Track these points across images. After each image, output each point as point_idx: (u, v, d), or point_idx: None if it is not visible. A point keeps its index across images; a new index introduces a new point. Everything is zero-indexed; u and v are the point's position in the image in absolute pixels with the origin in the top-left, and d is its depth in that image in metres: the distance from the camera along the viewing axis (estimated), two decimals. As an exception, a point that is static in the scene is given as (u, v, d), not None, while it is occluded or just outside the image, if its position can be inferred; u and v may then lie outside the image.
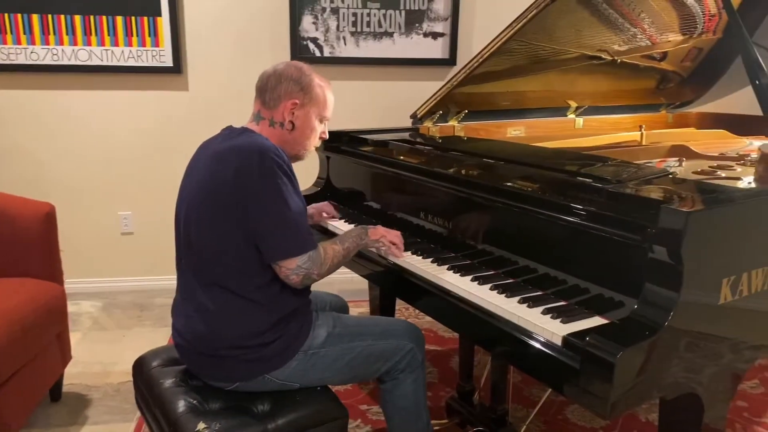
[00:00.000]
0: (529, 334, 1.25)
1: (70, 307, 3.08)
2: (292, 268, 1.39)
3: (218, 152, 1.42)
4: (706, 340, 1.22)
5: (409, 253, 1.67)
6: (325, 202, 2.01)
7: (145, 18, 2.99)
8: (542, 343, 1.22)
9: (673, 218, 1.11)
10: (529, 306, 1.33)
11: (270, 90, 1.50)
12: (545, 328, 1.23)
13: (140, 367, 1.66)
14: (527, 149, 2.07)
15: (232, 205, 1.37)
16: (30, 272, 2.05)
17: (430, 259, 1.62)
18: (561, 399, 2.27)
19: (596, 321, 1.25)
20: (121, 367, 2.52)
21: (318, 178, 2.31)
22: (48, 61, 2.97)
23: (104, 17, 2.96)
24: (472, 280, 1.48)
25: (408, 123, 2.46)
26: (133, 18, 2.98)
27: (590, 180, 1.44)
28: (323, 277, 1.47)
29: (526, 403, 2.26)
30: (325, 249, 1.47)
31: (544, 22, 2.28)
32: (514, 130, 2.76)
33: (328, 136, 1.65)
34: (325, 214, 2.01)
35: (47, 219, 2.06)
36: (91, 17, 2.95)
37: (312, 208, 1.98)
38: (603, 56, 2.56)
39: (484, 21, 3.27)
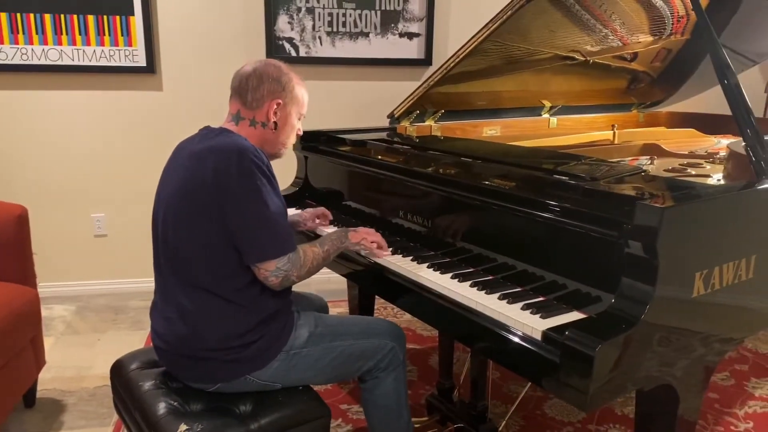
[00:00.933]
0: (510, 330, 1.27)
1: (43, 312, 3.02)
2: (270, 270, 1.39)
3: (196, 152, 1.41)
4: (680, 333, 1.26)
5: (389, 251, 1.68)
6: (321, 208, 1.98)
7: (118, 17, 2.95)
8: (522, 338, 1.24)
9: (649, 214, 1.14)
10: (509, 302, 1.35)
11: (252, 90, 1.50)
12: (525, 323, 1.25)
13: (118, 370, 1.64)
14: (503, 148, 2.10)
15: (209, 205, 1.36)
16: (2, 276, 2.01)
17: (410, 257, 1.63)
18: (539, 395, 2.31)
19: (574, 316, 1.28)
20: (95, 371, 2.48)
21: (296, 177, 2.31)
22: (17, 60, 2.91)
23: (75, 16, 2.91)
24: (452, 277, 1.50)
25: (385, 123, 2.47)
26: (105, 17, 2.94)
27: (566, 177, 1.47)
28: (303, 279, 1.47)
29: (505, 399, 2.29)
30: (305, 251, 1.47)
31: (518, 23, 2.30)
32: (490, 130, 2.79)
33: (302, 133, 1.66)
34: (318, 221, 1.98)
35: (19, 221, 2.02)
36: (62, 16, 2.90)
37: (306, 213, 1.97)
38: (576, 56, 2.60)
39: (459, 21, 3.30)
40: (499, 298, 1.37)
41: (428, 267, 1.57)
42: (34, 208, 3.08)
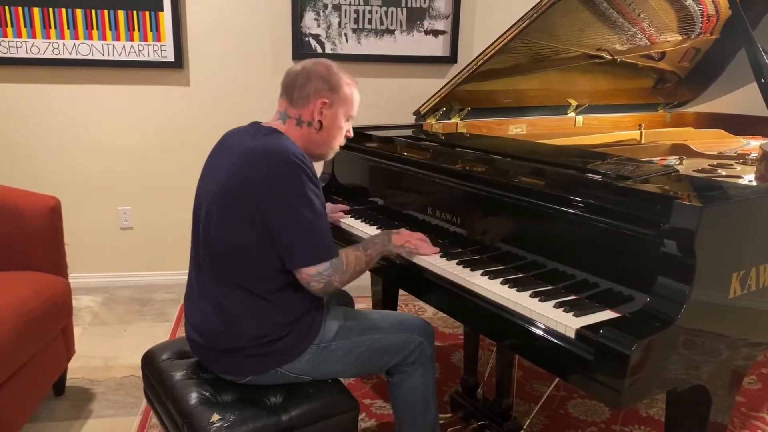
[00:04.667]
0: (542, 327, 1.27)
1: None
2: (312, 275, 1.40)
3: (249, 152, 1.41)
4: (714, 334, 1.25)
5: (437, 250, 1.65)
6: (340, 206, 2.01)
7: (147, 12, 2.98)
8: (555, 336, 1.24)
9: (687, 213, 1.14)
10: (541, 300, 1.35)
11: (298, 88, 1.50)
12: (558, 321, 1.25)
13: (150, 360, 1.66)
14: (531, 146, 2.09)
15: (255, 208, 1.37)
16: (35, 266, 2.05)
17: (439, 254, 1.64)
18: (563, 394, 2.30)
19: (607, 315, 1.28)
20: (123, 362, 2.52)
21: (323, 172, 2.32)
22: (49, 54, 2.96)
23: (106, 11, 2.95)
24: (482, 274, 1.50)
25: (410, 119, 2.48)
26: (134, 12, 2.98)
27: (600, 176, 1.47)
28: (345, 284, 1.48)
29: (529, 397, 2.29)
30: (347, 255, 1.47)
31: (546, 22, 2.30)
32: (516, 128, 2.78)
33: (352, 135, 1.66)
34: (340, 213, 2.01)
35: (52, 213, 2.06)
36: (93, 11, 2.94)
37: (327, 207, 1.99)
38: (603, 55, 2.59)
39: (484, 19, 3.29)
40: (531, 296, 1.37)
41: (458, 264, 1.57)
42: (62, 200, 3.14)
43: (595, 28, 2.46)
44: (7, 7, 2.87)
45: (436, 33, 3.26)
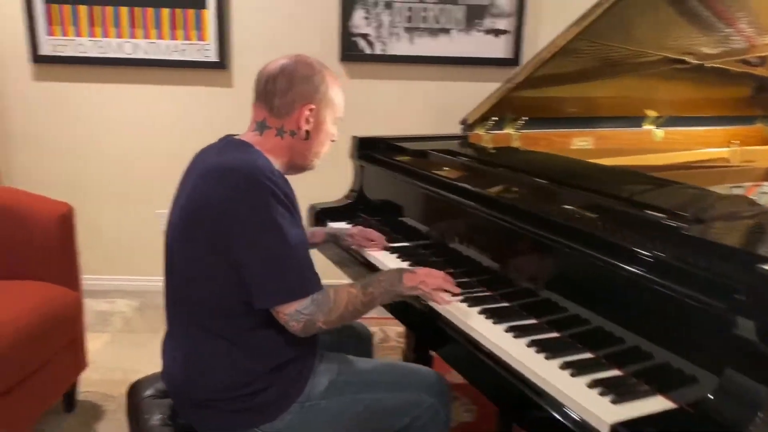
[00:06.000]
0: (567, 413, 0.98)
1: (104, 306, 3.05)
2: (289, 314, 1.17)
3: (208, 170, 1.21)
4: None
5: (455, 296, 1.37)
6: (376, 233, 1.74)
7: (191, 10, 2.87)
8: (582, 427, 0.95)
9: (773, 288, 0.82)
10: (572, 374, 1.06)
11: (279, 94, 1.29)
12: (590, 409, 0.96)
13: (133, 394, 1.50)
14: (587, 167, 1.77)
15: (215, 235, 1.16)
16: (43, 276, 1.95)
17: (460, 298, 1.37)
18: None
19: (659, 403, 0.98)
20: (141, 376, 2.39)
21: (350, 190, 2.09)
22: (94, 53, 2.90)
23: (150, 9, 2.86)
24: (506, 330, 1.22)
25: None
26: (179, 10, 2.87)
27: (661, 214, 1.15)
28: (335, 326, 1.25)
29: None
30: (338, 292, 1.23)
31: (619, 20, 2.00)
32: (581, 141, 2.45)
33: (337, 138, 1.42)
34: (369, 241, 1.74)
35: (62, 220, 1.95)
36: (137, 9, 2.86)
37: (355, 229, 1.76)
38: (689, 60, 2.21)
39: (553, 18, 2.94)
40: (562, 367, 1.08)
41: (480, 313, 1.30)
42: (101, 201, 3.11)
43: (680, 29, 2.11)
44: (55, 5, 2.83)
45: (497, 32, 2.95)
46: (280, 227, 1.15)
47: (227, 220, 1.15)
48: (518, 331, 1.21)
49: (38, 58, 2.88)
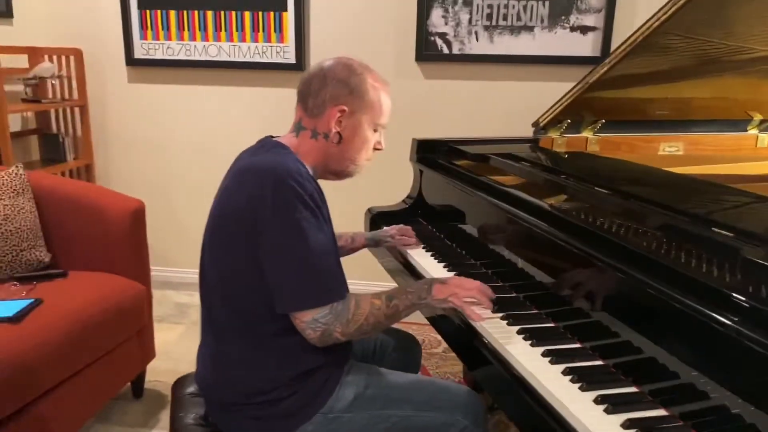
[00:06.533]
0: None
1: (183, 298, 3.18)
2: (306, 321, 1.14)
3: (239, 172, 1.21)
4: None
5: (491, 312, 1.26)
6: (406, 227, 1.71)
7: (272, 13, 2.92)
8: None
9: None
10: (608, 410, 0.93)
11: (313, 94, 1.25)
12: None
13: (177, 388, 1.53)
14: (666, 178, 1.59)
15: (243, 236, 1.15)
16: (115, 269, 2.04)
17: (501, 314, 1.26)
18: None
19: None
20: (208, 369, 2.47)
21: (407, 197, 2.02)
22: (182, 56, 3.03)
23: (233, 12, 2.95)
24: (544, 354, 1.11)
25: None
26: (260, 13, 2.93)
27: (732, 234, 0.99)
28: (354, 338, 1.20)
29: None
30: (359, 303, 1.18)
31: (716, 12, 1.80)
32: (670, 147, 2.24)
33: (384, 147, 1.36)
34: (408, 239, 1.70)
35: (135, 215, 2.03)
36: (222, 13, 2.96)
37: (392, 228, 1.71)
38: (801, 56, 1.96)
39: (647, 13, 2.71)
40: (597, 401, 0.96)
41: (519, 333, 1.19)
42: (186, 196, 3.24)
43: (790, 20, 1.86)
44: (147, 11, 2.99)
45: (584, 29, 2.76)
46: (304, 231, 1.11)
47: (253, 222, 1.13)
48: (556, 356, 1.09)
49: (132, 61, 3.06)
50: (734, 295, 0.86)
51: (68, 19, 3.04)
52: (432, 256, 1.64)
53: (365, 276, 2.59)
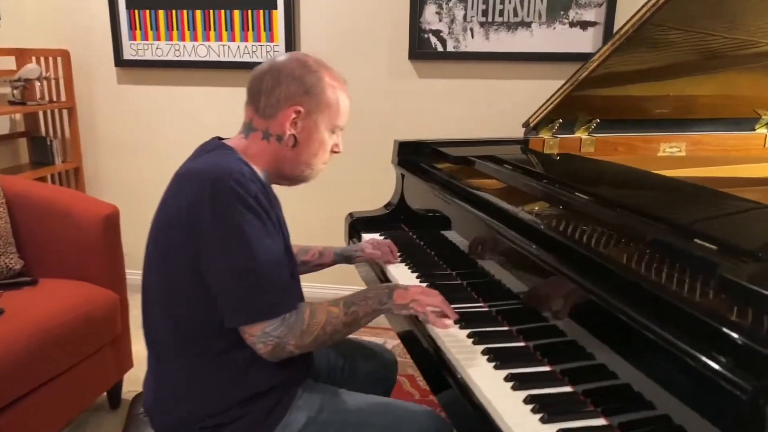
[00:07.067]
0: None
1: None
2: (256, 335, 1.05)
3: (178, 175, 1.13)
4: None
5: (452, 322, 1.18)
6: (386, 241, 1.60)
7: (261, 11, 2.84)
8: None
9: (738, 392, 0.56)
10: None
11: (265, 92, 1.16)
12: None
13: (134, 405, 1.44)
14: (659, 183, 1.47)
15: (183, 245, 1.06)
16: (87, 276, 1.97)
17: (467, 332, 1.16)
18: None
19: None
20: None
21: (388, 202, 1.91)
22: (170, 56, 2.97)
23: (222, 11, 2.87)
24: (507, 378, 1.01)
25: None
26: (249, 12, 2.85)
27: (714, 247, 0.89)
28: (311, 350, 1.11)
29: None
30: (315, 312, 1.09)
31: (718, 4, 1.69)
32: (670, 147, 2.12)
33: (342, 150, 1.26)
34: (382, 254, 1.58)
35: (107, 221, 1.96)
36: (211, 12, 2.88)
37: (367, 245, 1.60)
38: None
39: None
40: (557, 435, 0.85)
41: (484, 353, 1.09)
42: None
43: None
44: (136, 11, 2.92)
45: (584, 25, 2.64)
46: (246, 236, 1.03)
47: (192, 229, 1.05)
48: (520, 381, 0.99)
49: (121, 62, 3.00)
50: (725, 330, 0.74)
51: (57, 19, 2.99)
52: (406, 265, 1.53)
53: (339, 280, 2.48)
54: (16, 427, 1.64)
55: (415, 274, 1.48)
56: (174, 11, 2.91)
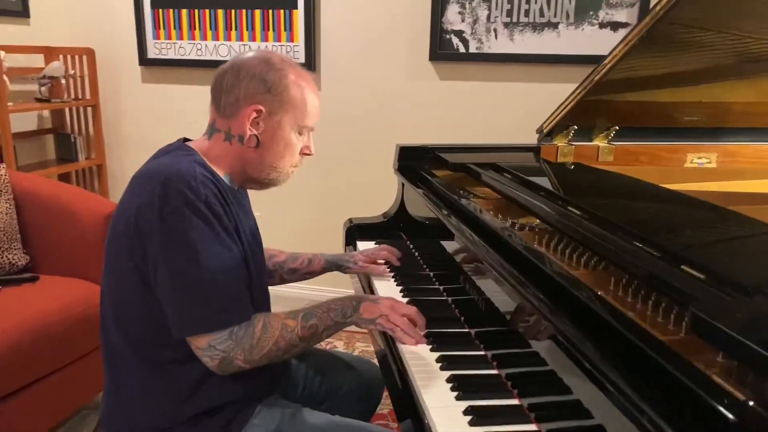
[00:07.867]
0: None
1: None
2: (202, 348, 1.00)
3: (133, 177, 1.09)
4: None
5: (422, 338, 1.11)
6: (385, 248, 1.53)
7: (282, 11, 2.81)
8: None
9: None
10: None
11: (226, 91, 1.11)
12: None
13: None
14: (669, 199, 1.33)
15: (131, 251, 1.02)
16: (87, 275, 1.97)
17: (436, 355, 1.07)
18: None
19: None
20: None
21: (386, 212, 1.82)
22: (193, 56, 2.97)
23: (244, 11, 2.85)
24: (466, 411, 0.91)
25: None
26: (270, 11, 2.82)
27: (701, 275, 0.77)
28: (261, 364, 1.04)
29: None
30: (268, 326, 1.03)
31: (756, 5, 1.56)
32: (700, 158, 1.97)
33: (313, 152, 1.19)
34: (374, 265, 1.51)
35: (107, 220, 1.94)
36: (233, 11, 2.87)
37: (360, 255, 1.52)
38: None
39: (687, 6, 2.42)
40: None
41: (449, 380, 1.00)
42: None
43: None
44: (160, 10, 2.94)
45: (615, 26, 2.49)
46: (192, 243, 0.97)
47: (139, 233, 1.00)
48: (480, 416, 0.89)
49: (146, 61, 3.02)
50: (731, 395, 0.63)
51: (83, 19, 3.04)
52: (393, 277, 1.45)
53: (333, 283, 2.41)
54: (4, 424, 1.64)
55: (399, 288, 1.39)
56: (196, 11, 2.91)
